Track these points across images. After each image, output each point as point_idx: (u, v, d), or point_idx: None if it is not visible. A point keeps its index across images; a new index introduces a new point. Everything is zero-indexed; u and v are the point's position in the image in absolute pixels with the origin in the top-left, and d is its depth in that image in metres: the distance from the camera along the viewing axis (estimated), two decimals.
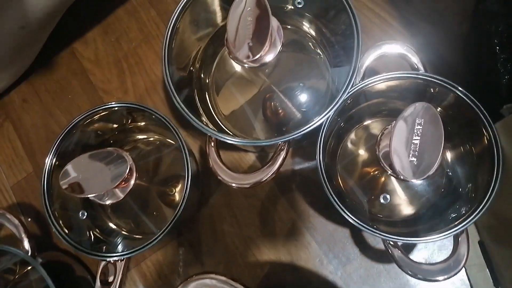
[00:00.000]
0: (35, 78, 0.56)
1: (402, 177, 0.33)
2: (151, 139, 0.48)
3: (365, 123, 0.44)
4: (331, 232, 0.45)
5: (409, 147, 0.33)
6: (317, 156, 0.38)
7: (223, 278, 0.35)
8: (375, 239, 0.44)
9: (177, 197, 0.47)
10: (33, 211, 0.51)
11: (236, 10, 0.36)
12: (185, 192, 0.41)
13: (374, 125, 0.44)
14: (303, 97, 0.44)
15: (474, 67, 0.42)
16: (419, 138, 0.33)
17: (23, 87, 0.56)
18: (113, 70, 0.54)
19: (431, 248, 0.42)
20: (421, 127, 0.33)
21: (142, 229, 0.46)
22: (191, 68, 0.44)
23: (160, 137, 0.48)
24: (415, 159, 0.33)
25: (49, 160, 0.40)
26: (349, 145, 0.45)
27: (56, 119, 0.54)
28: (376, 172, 0.42)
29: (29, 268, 0.45)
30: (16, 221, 0.42)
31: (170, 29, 0.40)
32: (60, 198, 0.42)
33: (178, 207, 0.40)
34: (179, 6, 0.40)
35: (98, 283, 0.39)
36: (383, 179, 0.42)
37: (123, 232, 0.45)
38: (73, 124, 0.41)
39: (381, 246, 0.43)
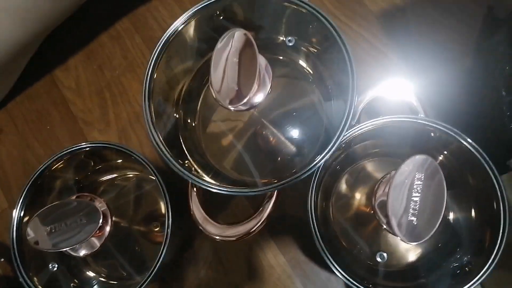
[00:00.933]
0: (13, 106, 0.53)
1: (400, 239, 0.30)
2: (130, 175, 0.45)
3: (361, 162, 0.42)
4: (325, 282, 0.42)
5: (408, 205, 0.30)
6: (309, 206, 0.36)
7: None
8: None
9: (159, 236, 0.44)
10: (7, 250, 0.48)
11: (222, 54, 0.33)
12: (165, 238, 0.38)
13: (370, 165, 0.42)
14: (295, 132, 0.41)
15: (478, 108, 0.40)
16: (419, 195, 0.30)
17: (0, 115, 0.53)
18: (95, 100, 0.51)
19: None
20: (421, 183, 0.30)
21: (123, 273, 0.43)
22: (174, 107, 0.41)
23: (139, 173, 0.45)
24: (414, 219, 0.30)
25: (16, 213, 0.38)
26: (344, 185, 0.42)
27: (33, 152, 0.51)
28: (372, 213, 0.39)
29: None
30: None
31: (151, 69, 0.37)
32: (33, 249, 0.38)
33: (159, 255, 0.38)
34: (160, 43, 0.37)
35: None
36: (377, 240, 0.39)
37: (101, 279, 0.42)
38: (40, 171, 0.37)
39: None
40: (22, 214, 0.38)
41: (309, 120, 0.41)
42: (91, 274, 0.42)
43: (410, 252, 0.38)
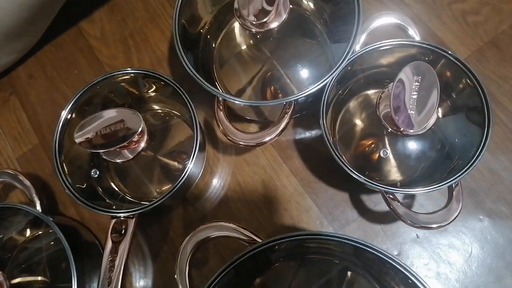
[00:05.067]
0: (42, 54, 0.57)
1: (402, 130, 0.36)
2: (159, 110, 0.49)
3: (362, 93, 0.47)
4: (331, 196, 0.47)
5: (408, 102, 0.36)
6: (321, 112, 0.40)
7: (232, 225, 0.36)
8: (373, 202, 0.46)
9: (181, 166, 0.48)
10: (39, 182, 0.52)
11: None
12: (192, 156, 0.42)
13: (372, 95, 0.47)
14: (303, 72, 0.46)
15: None
16: (417, 93, 0.36)
17: (30, 63, 0.57)
18: (119, 47, 0.56)
19: (426, 207, 0.45)
20: (418, 84, 0.36)
21: (145, 196, 0.47)
22: (201, 30, 0.46)
23: (167, 108, 0.49)
24: (413, 112, 0.36)
25: (65, 113, 0.42)
26: (347, 114, 0.47)
27: (62, 93, 0.55)
28: (374, 139, 0.44)
29: (40, 232, 0.45)
30: (28, 183, 0.43)
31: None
32: (69, 157, 0.43)
33: (185, 171, 0.41)
34: None
35: (109, 241, 0.40)
36: (379, 145, 0.44)
37: (127, 197, 0.46)
38: (91, 84, 0.42)
39: (378, 208, 0.46)
40: (69, 116, 0.42)
41: (315, 62, 0.47)
42: (117, 190, 0.46)
43: (407, 165, 0.43)
